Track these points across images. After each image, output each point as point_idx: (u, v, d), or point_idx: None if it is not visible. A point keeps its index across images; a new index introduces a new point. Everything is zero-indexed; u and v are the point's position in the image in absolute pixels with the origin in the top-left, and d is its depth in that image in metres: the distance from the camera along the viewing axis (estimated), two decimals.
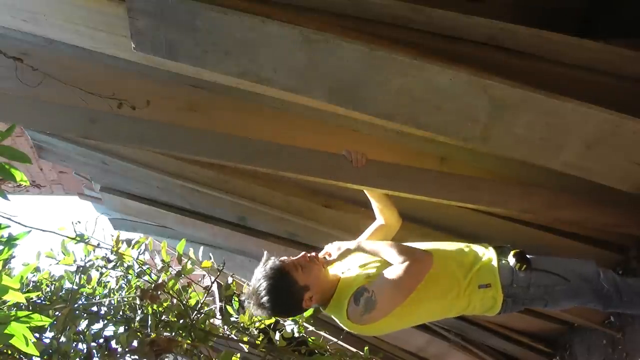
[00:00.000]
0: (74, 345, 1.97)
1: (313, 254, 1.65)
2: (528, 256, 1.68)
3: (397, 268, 1.51)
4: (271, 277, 1.54)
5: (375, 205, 2.01)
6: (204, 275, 3.23)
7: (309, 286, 1.55)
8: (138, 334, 1.96)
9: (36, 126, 2.22)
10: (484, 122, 1.85)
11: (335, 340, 2.63)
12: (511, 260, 1.66)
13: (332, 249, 1.70)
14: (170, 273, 2.24)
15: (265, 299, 1.53)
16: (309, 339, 2.35)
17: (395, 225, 1.98)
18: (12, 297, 1.22)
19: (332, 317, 1.66)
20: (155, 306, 2.09)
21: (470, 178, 2.06)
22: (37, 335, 1.89)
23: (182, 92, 2.34)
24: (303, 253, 1.65)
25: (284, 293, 1.54)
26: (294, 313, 1.71)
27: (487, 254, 1.71)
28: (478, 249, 1.75)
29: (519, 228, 2.47)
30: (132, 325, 2.07)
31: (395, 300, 1.50)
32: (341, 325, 1.63)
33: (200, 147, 1.97)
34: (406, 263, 1.51)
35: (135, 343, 1.89)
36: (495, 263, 1.66)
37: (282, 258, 1.62)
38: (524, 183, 2.18)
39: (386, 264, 1.60)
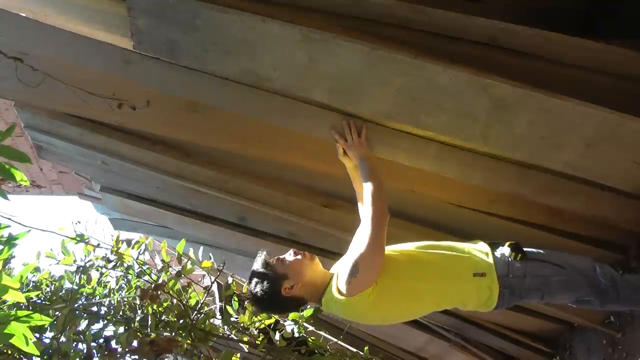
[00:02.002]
0: (74, 345, 1.97)
1: (303, 253, 1.72)
2: (523, 248, 1.68)
3: (363, 230, 1.58)
4: (255, 269, 1.68)
5: (360, 195, 2.00)
6: (204, 275, 3.23)
7: (287, 275, 1.64)
8: (138, 334, 1.96)
9: (73, 58, 2.21)
10: (484, 121, 1.86)
11: (335, 340, 2.63)
12: (506, 250, 1.67)
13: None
14: (170, 273, 2.24)
15: (252, 290, 1.66)
16: (309, 339, 2.35)
17: None
18: (12, 296, 1.22)
19: (331, 311, 1.68)
20: (155, 306, 2.09)
21: (468, 154, 2.05)
22: (37, 335, 1.89)
23: None
24: (291, 250, 1.74)
25: (264, 281, 1.64)
26: (278, 303, 1.68)
27: (482, 247, 1.72)
28: (472, 243, 1.76)
29: (519, 228, 2.47)
30: (132, 325, 2.07)
31: (374, 257, 1.55)
32: (339, 314, 1.65)
33: (222, 97, 2.00)
34: (369, 220, 1.58)
35: (135, 343, 1.89)
36: (490, 254, 1.68)
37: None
38: (522, 165, 2.15)
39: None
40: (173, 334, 2.02)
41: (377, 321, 1.79)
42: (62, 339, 1.92)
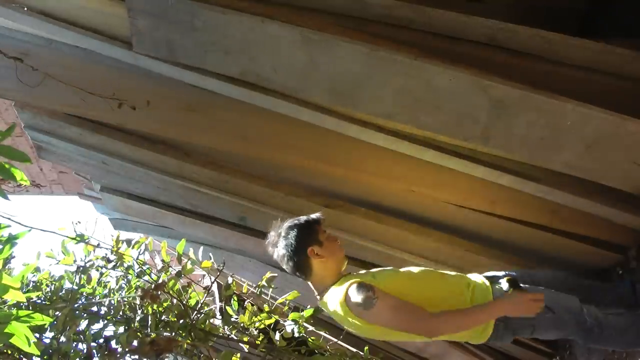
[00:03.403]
0: (74, 345, 1.97)
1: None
2: (519, 284, 1.71)
3: (416, 312, 1.55)
4: (307, 217, 1.75)
5: None
6: (204, 275, 3.23)
7: (323, 243, 1.69)
8: (138, 334, 1.96)
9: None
10: (484, 122, 1.86)
11: (335, 340, 2.63)
12: (504, 285, 1.69)
13: None
14: (170, 273, 2.24)
15: (289, 225, 1.72)
16: (309, 339, 2.35)
17: None
18: (13, 296, 1.22)
19: (328, 312, 1.70)
20: (155, 306, 2.08)
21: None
22: (37, 335, 1.89)
23: (182, 92, 2.34)
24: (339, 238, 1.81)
25: (304, 229, 1.70)
26: (295, 253, 1.69)
27: (481, 280, 1.76)
28: (472, 276, 1.79)
29: (519, 228, 2.47)
30: (132, 325, 2.06)
31: (386, 322, 1.57)
32: (336, 319, 1.67)
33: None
34: (425, 321, 1.55)
35: (135, 343, 1.89)
36: (489, 289, 1.71)
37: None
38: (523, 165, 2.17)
39: (397, 275, 1.68)
40: (173, 334, 2.02)
41: (371, 338, 1.82)
42: (62, 339, 1.92)
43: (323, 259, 1.68)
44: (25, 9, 2.10)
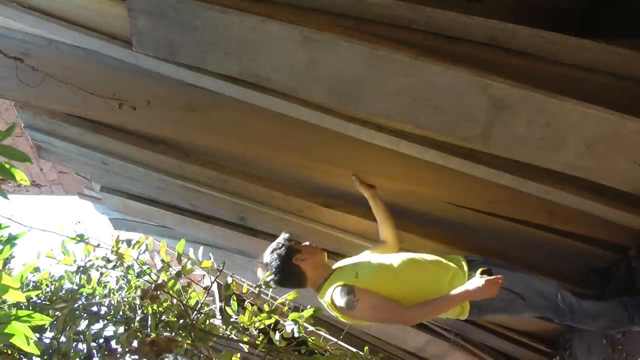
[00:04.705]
0: (74, 345, 1.97)
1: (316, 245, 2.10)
2: (494, 274, 1.83)
3: (392, 308, 1.80)
4: (278, 240, 2.07)
5: (378, 219, 2.28)
6: (204, 275, 3.23)
7: (301, 251, 2.02)
8: (138, 334, 1.96)
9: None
10: (483, 122, 1.86)
11: (335, 340, 2.63)
12: (478, 275, 1.83)
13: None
14: (170, 273, 2.24)
15: (270, 253, 2.03)
16: (309, 339, 2.35)
17: (395, 245, 2.24)
18: (13, 296, 1.22)
19: (321, 301, 1.95)
20: (155, 306, 2.08)
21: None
22: (37, 335, 1.89)
23: (182, 92, 2.34)
24: (308, 241, 2.12)
25: (282, 248, 2.01)
26: (287, 269, 1.99)
27: (461, 267, 1.93)
28: (456, 261, 1.97)
29: (519, 228, 2.47)
30: (132, 325, 2.06)
31: (367, 318, 1.88)
32: (328, 309, 1.91)
33: None
34: (401, 314, 1.80)
35: (135, 343, 1.89)
36: (466, 275, 1.89)
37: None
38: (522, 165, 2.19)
39: (378, 270, 1.91)
40: (173, 334, 2.02)
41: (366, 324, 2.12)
42: (62, 339, 1.92)
43: (309, 260, 1.99)
44: (25, 7, 2.10)
